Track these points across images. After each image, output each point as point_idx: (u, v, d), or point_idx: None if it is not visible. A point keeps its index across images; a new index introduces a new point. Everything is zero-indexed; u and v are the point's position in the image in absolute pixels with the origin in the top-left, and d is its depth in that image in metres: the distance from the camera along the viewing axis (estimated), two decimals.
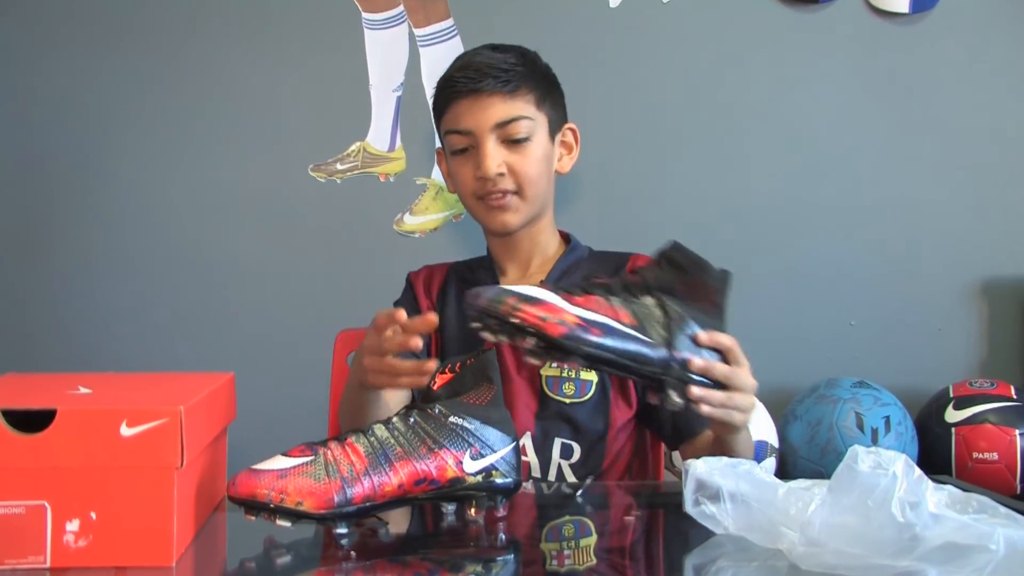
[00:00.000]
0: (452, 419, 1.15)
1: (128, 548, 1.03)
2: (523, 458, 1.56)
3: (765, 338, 2.58)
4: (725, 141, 2.62)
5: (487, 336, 1.14)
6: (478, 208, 1.65)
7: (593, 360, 1.14)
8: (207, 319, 2.59)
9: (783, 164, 2.62)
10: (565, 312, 1.14)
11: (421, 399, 1.19)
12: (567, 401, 1.60)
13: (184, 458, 1.04)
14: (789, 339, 2.59)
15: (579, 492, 1.39)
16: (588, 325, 1.14)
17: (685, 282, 1.22)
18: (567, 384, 1.61)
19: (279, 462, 1.09)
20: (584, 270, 1.70)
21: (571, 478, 1.58)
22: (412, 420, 1.14)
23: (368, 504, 1.09)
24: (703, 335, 1.22)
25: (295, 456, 1.10)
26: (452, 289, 1.74)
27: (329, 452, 1.11)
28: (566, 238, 1.77)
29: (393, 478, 1.10)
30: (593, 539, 1.13)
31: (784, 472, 2.34)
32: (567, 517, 1.27)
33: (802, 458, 2.31)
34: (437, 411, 1.15)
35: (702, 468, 1.10)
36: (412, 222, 2.61)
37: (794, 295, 2.61)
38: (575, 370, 1.60)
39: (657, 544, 1.19)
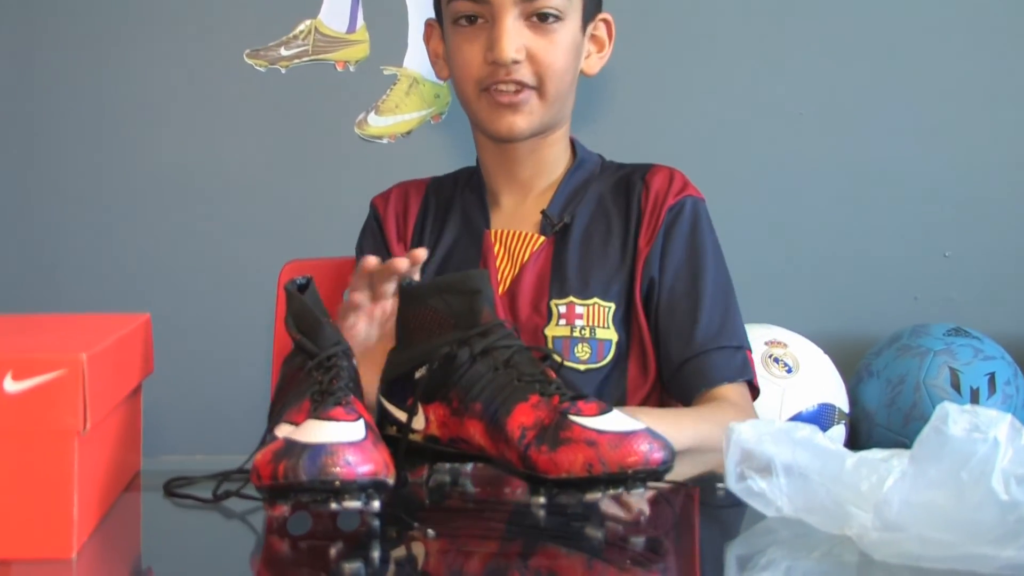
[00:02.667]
0: None
1: (15, 536, 1.04)
2: None
3: (831, 273, 2.58)
4: (781, 31, 2.61)
5: None
6: (479, 103, 1.63)
7: None
8: (117, 246, 2.59)
9: (849, 52, 2.61)
10: None
11: None
12: (581, 368, 1.61)
13: (88, 420, 1.04)
14: (863, 275, 2.60)
15: None
16: None
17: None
18: (580, 346, 1.61)
19: (335, 431, 1.05)
20: (596, 192, 1.69)
21: None
22: None
23: None
24: None
25: (347, 419, 1.07)
26: (432, 215, 1.74)
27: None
28: (571, 145, 1.77)
29: None
30: (604, 526, 1.14)
31: (856, 444, 2.36)
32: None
33: (879, 426, 2.33)
34: None
35: (748, 433, 1.10)
36: (378, 123, 2.60)
37: (869, 218, 2.61)
38: (589, 328, 1.61)
39: (691, 530, 1.20)
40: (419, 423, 1.20)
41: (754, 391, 1.64)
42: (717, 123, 2.60)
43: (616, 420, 1.08)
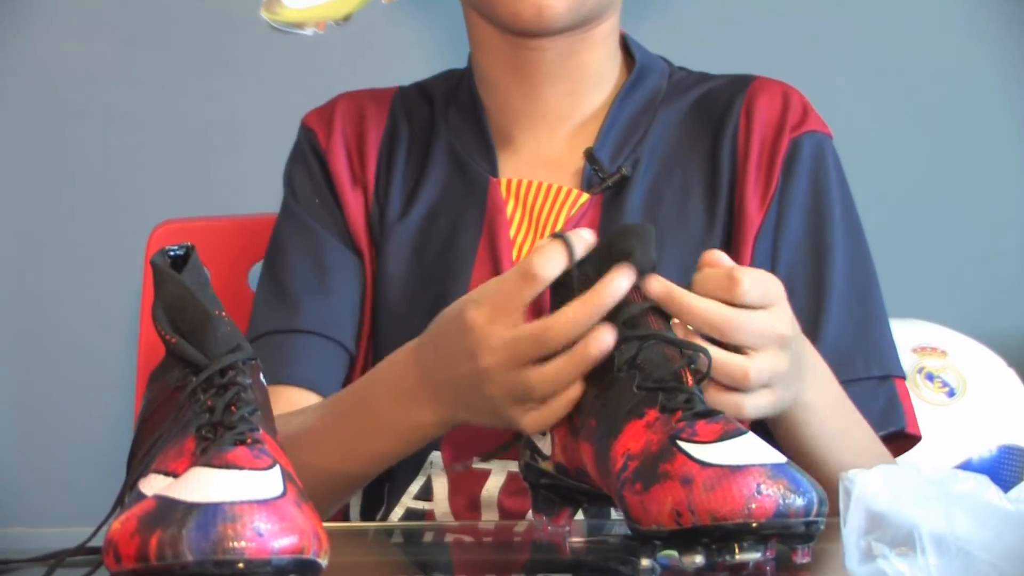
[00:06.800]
0: None
1: None
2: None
3: (1015, 246, 2.60)
4: None
5: None
6: None
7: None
8: None
9: None
10: None
11: None
12: None
13: None
14: None
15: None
16: None
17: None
18: None
19: (236, 484, 1.06)
20: (667, 120, 1.70)
21: None
22: None
23: None
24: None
25: (254, 466, 1.07)
26: (404, 148, 1.73)
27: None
28: (624, 48, 1.77)
29: None
30: None
31: None
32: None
33: None
34: None
35: (878, 485, 1.11)
36: (298, 3, 2.61)
37: None
38: None
39: None
40: (547, 446, 1.26)
41: (909, 440, 1.62)
42: (839, 20, 2.62)
43: (739, 448, 1.07)
